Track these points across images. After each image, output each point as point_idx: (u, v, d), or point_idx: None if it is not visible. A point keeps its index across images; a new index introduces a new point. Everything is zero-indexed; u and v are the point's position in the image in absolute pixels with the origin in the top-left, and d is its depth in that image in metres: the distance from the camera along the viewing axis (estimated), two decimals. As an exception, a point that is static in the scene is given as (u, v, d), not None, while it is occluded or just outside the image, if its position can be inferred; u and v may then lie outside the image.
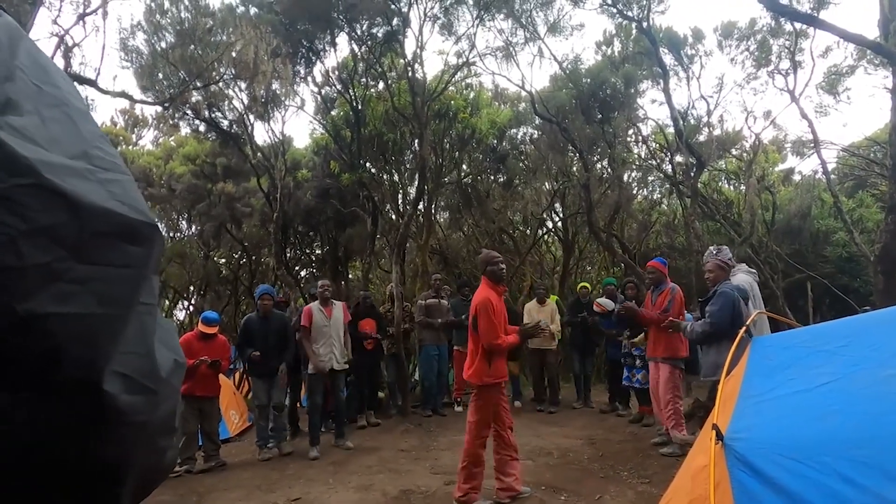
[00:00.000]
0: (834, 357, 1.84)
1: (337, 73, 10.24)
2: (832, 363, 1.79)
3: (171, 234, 16.31)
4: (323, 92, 10.95)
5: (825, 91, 12.24)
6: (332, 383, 6.06)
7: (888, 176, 7.25)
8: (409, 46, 11.95)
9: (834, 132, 36.17)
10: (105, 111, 35.48)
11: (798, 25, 10.22)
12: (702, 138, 11.48)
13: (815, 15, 7.97)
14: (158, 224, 0.59)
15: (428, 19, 9.32)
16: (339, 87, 10.40)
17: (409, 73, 8.72)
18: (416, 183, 9.79)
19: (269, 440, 5.94)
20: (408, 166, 11.98)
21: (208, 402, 5.74)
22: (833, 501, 1.29)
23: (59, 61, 6.29)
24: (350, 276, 15.01)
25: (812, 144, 11.81)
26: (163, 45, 7.73)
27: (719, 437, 1.63)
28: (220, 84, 8.45)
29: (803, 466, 1.39)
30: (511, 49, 10.39)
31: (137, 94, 8.22)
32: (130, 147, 14.82)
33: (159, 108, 11.09)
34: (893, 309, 2.32)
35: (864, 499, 1.25)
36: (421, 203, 10.39)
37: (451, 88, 10.69)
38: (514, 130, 12.49)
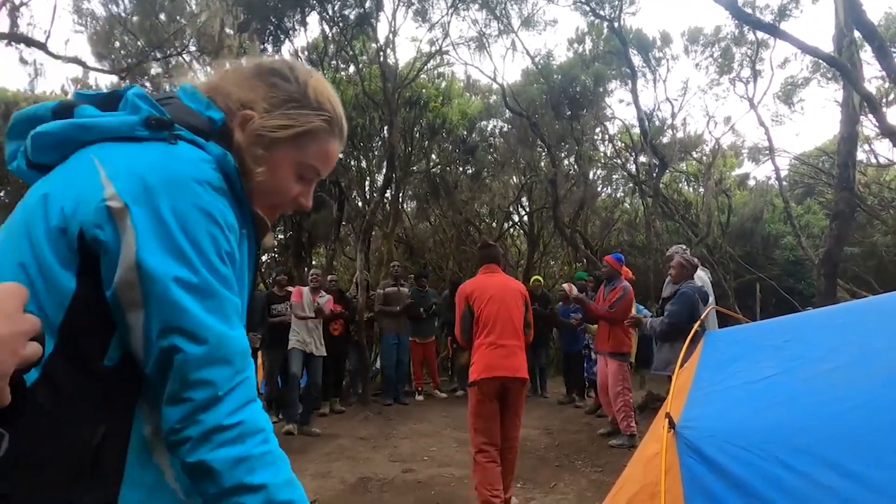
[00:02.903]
0: (779, 352, 1.94)
1: (307, 53, 9.99)
2: (777, 357, 1.89)
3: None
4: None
5: (781, 101, 12.81)
6: (309, 368, 6.06)
7: (834, 185, 7.66)
8: (382, 31, 11.78)
9: (787, 141, 37.92)
10: (55, 78, 33.50)
11: (760, 35, 10.63)
12: (665, 140, 11.82)
13: (777, 25, 8.29)
14: None
15: (402, 4, 9.20)
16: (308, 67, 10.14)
17: (381, 58, 8.60)
18: (384, 170, 9.69)
19: None
20: (376, 153, 11.85)
21: None
22: (774, 486, 1.36)
23: (5, 20, 5.88)
24: (314, 262, 14.77)
25: (767, 151, 12.36)
26: (120, 10, 7.32)
27: (671, 425, 1.69)
28: (184, 56, 8.09)
29: (748, 454, 1.46)
30: (484, 40, 10.39)
31: (91, 61, 7.78)
32: (82, 118, 14.05)
33: (115, 79, 10.56)
34: (830, 308, 2.46)
35: (802, 483, 1.33)
36: (388, 191, 10.30)
37: (422, 76, 10.61)
38: (484, 122, 12.52)
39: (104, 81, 15.06)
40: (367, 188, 11.90)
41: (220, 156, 0.73)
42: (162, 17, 7.32)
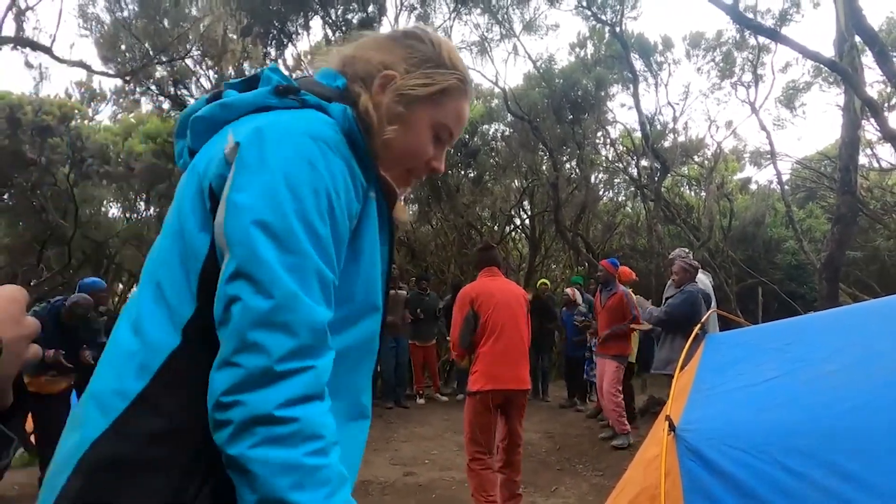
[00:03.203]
0: (780, 354, 1.94)
1: (309, 57, 10.04)
2: (778, 360, 1.89)
3: (128, 215, 15.66)
4: (294, 76, 10.71)
5: (783, 105, 12.82)
6: None
7: (836, 189, 7.65)
8: (385, 35, 11.86)
9: (789, 145, 37.89)
10: (60, 81, 33.60)
11: (761, 40, 10.64)
12: (667, 144, 11.83)
13: (778, 30, 8.31)
14: None
15: (404, 8, 9.27)
16: (311, 71, 10.20)
17: (384, 62, 8.63)
18: (387, 174, 9.69)
19: None
20: (378, 156, 11.85)
21: None
22: (774, 489, 1.36)
23: (11, 25, 5.93)
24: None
25: (769, 155, 12.36)
26: (125, 14, 7.37)
27: (672, 428, 1.69)
28: (187, 61, 8.14)
29: (748, 456, 1.46)
30: (486, 44, 10.43)
31: (97, 64, 7.83)
32: (86, 122, 14.10)
33: (119, 82, 10.61)
34: (833, 311, 2.45)
35: (802, 486, 1.33)
36: (390, 194, 10.31)
37: (425, 80, 10.64)
38: (486, 126, 12.54)
39: (108, 85, 15.17)
40: (369, 192, 11.89)
41: (340, 112, 0.73)
42: (165, 22, 7.36)
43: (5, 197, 12.63)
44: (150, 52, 7.36)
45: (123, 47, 7.60)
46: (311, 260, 0.62)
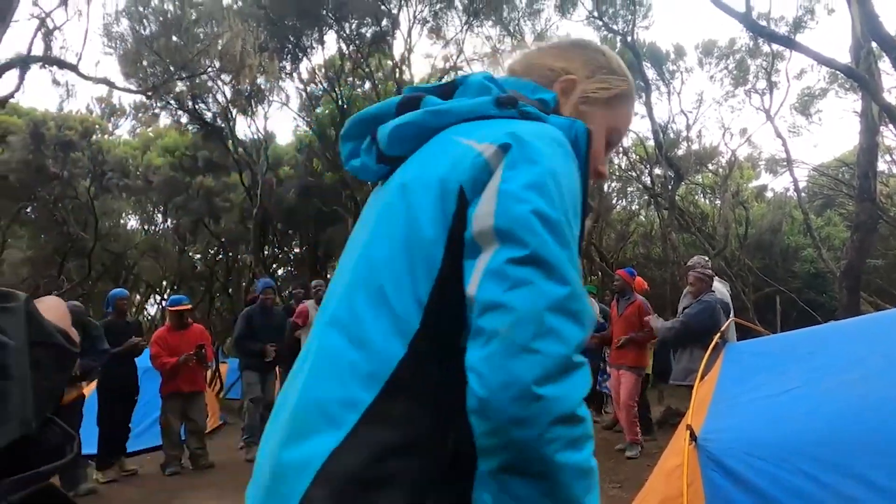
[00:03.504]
0: (802, 363, 1.92)
1: (324, 70, 10.21)
2: (800, 368, 1.87)
3: (146, 228, 15.95)
4: (308, 89, 10.91)
5: (798, 112, 12.71)
6: None
7: (855, 196, 7.54)
8: (398, 48, 12.00)
9: (805, 152, 37.42)
10: (82, 97, 34.56)
11: (775, 47, 10.59)
12: (680, 152, 11.78)
13: (793, 37, 8.27)
14: None
15: (417, 22, 9.39)
16: (325, 85, 10.37)
17: (397, 75, 8.76)
18: (400, 184, 9.78)
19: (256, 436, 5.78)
20: (391, 167, 11.97)
21: (193, 396, 5.36)
22: (797, 498, 1.35)
23: (39, 44, 6.14)
24: (329, 276, 14.90)
25: (785, 163, 12.23)
26: (147, 33, 7.60)
27: (693, 438, 1.69)
28: (205, 76, 8.34)
29: (771, 465, 1.46)
30: (498, 56, 10.51)
31: (120, 80, 8.06)
32: (107, 136, 14.46)
33: (138, 98, 10.88)
34: (854, 320, 2.43)
35: (825, 495, 1.32)
36: (403, 205, 10.39)
37: (437, 92, 10.75)
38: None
39: (128, 100, 15.55)
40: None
41: (567, 125, 0.72)
42: (186, 39, 7.57)
43: (28, 210, 12.96)
44: (171, 69, 7.57)
45: (145, 63, 7.82)
46: (575, 257, 0.62)
